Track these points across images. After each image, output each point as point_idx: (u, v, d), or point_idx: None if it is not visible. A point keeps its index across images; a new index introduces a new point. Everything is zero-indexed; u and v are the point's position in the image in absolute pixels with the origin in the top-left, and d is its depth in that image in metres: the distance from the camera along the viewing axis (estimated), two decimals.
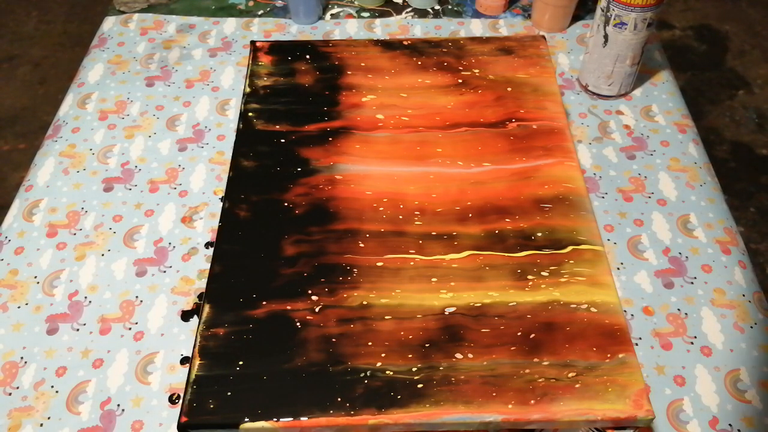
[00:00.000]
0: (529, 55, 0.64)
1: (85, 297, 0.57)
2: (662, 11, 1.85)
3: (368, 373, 0.43)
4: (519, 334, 0.45)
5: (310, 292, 0.47)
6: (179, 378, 0.52)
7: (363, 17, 0.85)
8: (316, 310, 0.46)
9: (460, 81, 0.62)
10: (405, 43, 0.65)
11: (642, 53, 0.69)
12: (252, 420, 0.41)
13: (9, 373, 0.52)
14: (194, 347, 0.44)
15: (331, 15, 0.85)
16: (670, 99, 0.74)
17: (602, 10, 0.67)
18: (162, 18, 0.85)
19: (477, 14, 0.85)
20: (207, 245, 0.61)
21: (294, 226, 0.51)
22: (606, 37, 0.68)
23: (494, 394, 0.42)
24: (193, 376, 0.43)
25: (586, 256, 0.49)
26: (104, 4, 1.94)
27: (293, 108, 0.60)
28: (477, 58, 0.64)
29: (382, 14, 0.86)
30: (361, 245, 0.50)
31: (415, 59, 0.64)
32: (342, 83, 0.62)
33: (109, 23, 0.85)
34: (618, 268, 0.59)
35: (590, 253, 0.49)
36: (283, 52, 0.65)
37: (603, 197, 0.64)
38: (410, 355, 0.44)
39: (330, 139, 0.57)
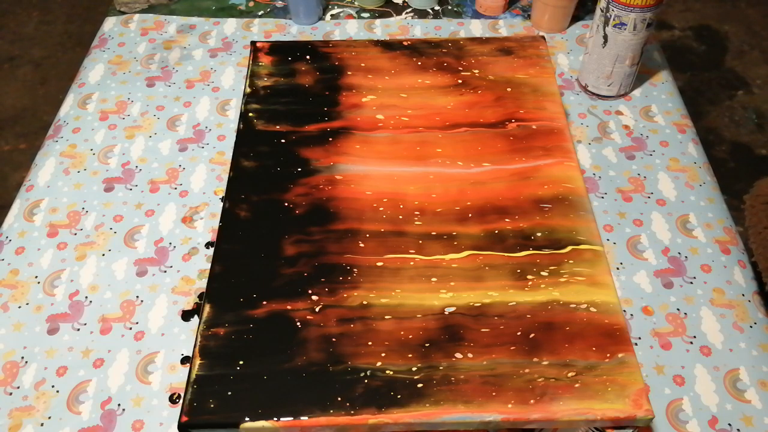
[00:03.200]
0: (529, 55, 0.64)
1: (86, 297, 0.57)
2: (661, 12, 1.85)
3: (368, 373, 0.43)
4: (518, 333, 0.45)
5: (310, 291, 0.47)
6: (180, 378, 0.52)
7: (363, 18, 0.85)
8: (317, 309, 0.46)
9: (459, 81, 0.62)
10: (405, 43, 0.66)
11: (641, 54, 0.69)
12: (252, 419, 0.41)
13: (9, 372, 0.52)
14: (195, 347, 0.45)
15: (331, 15, 0.86)
16: (670, 99, 0.74)
17: (602, 11, 0.67)
18: (162, 18, 0.85)
19: (477, 15, 0.85)
20: (207, 245, 0.61)
21: (294, 226, 0.51)
22: (605, 37, 0.68)
23: (494, 393, 0.42)
24: (193, 376, 0.43)
25: (586, 256, 0.49)
26: (105, 5, 1.95)
27: (293, 108, 0.60)
28: (477, 58, 0.64)
29: (382, 15, 0.86)
30: (361, 245, 0.50)
31: (415, 60, 0.64)
32: (342, 83, 0.62)
33: (110, 24, 0.85)
34: (617, 268, 0.59)
35: (590, 253, 0.49)
36: (284, 52, 0.65)
37: (602, 197, 0.64)
38: (410, 355, 0.44)
39: (330, 139, 0.57)
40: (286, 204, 0.53)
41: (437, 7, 0.87)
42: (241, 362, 0.44)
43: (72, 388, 0.52)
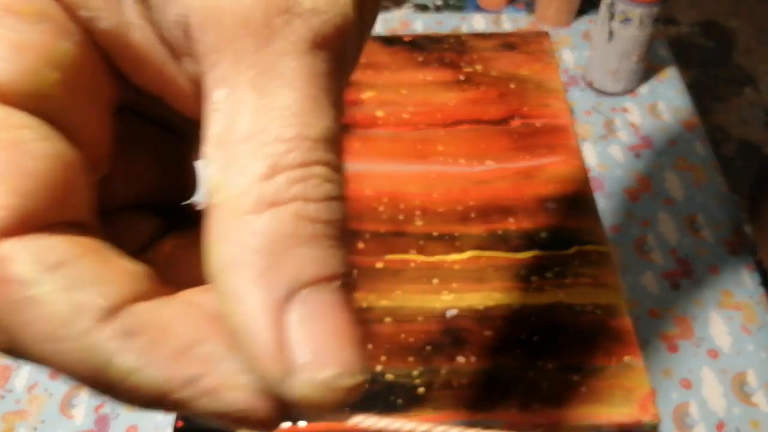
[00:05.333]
0: (533, 51, 0.63)
1: None
2: (668, 7, 1.84)
3: (368, 377, 0.42)
4: (522, 336, 0.44)
5: None
6: None
7: None
8: None
9: (462, 77, 0.61)
10: (405, 38, 0.65)
11: (648, 49, 0.68)
12: None
13: (2, 375, 0.52)
14: None
15: None
16: (677, 96, 0.73)
17: (607, 6, 0.66)
18: None
19: (479, 9, 0.84)
20: None
21: None
22: (611, 32, 0.67)
23: (497, 398, 0.41)
24: None
25: (592, 257, 0.48)
26: None
27: None
28: (479, 54, 0.63)
29: (382, 9, 0.85)
30: (361, 246, 0.49)
31: (415, 55, 0.63)
32: None
33: None
34: (624, 269, 0.58)
35: (595, 254, 0.48)
36: None
37: (608, 197, 0.63)
38: (411, 359, 0.43)
39: None
40: None
41: (438, 2, 0.86)
42: None
43: (65, 392, 0.51)
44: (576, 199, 0.51)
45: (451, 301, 0.46)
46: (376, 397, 0.41)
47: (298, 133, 0.11)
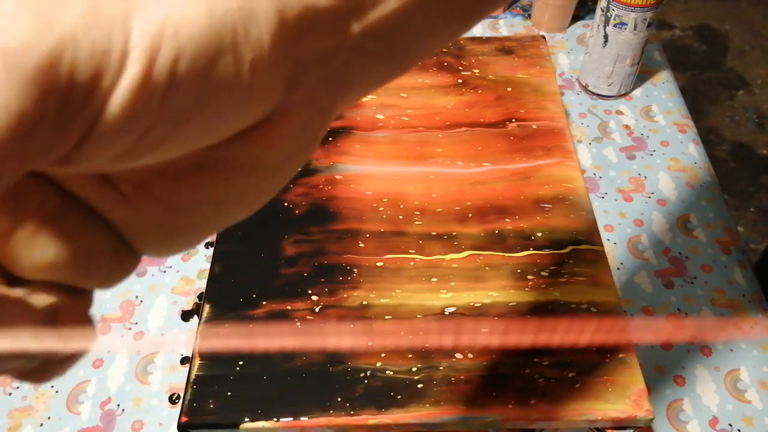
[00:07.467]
0: (529, 55, 0.64)
1: None
2: (662, 11, 1.85)
3: (368, 373, 0.43)
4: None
5: (310, 292, 0.47)
6: (179, 378, 0.52)
7: None
8: (316, 310, 0.46)
9: (460, 81, 0.62)
10: None
11: (642, 53, 0.69)
12: (252, 420, 0.41)
13: None
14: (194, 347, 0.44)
15: None
16: (670, 99, 0.74)
17: (602, 10, 0.67)
18: None
19: None
20: (207, 245, 0.61)
21: (294, 226, 0.51)
22: (606, 37, 0.68)
23: (494, 393, 0.42)
24: (193, 376, 0.43)
25: (586, 256, 0.49)
26: None
27: None
28: (477, 58, 0.64)
29: None
30: (361, 245, 0.50)
31: None
32: None
33: None
34: (618, 268, 0.59)
35: (590, 253, 0.49)
36: None
37: (603, 197, 0.64)
38: (410, 355, 0.44)
39: (330, 138, 0.57)
40: (286, 204, 0.52)
41: None
42: (241, 362, 0.44)
43: (71, 389, 0.51)
44: (571, 200, 0.52)
45: (449, 299, 0.47)
46: (377, 392, 0.42)
47: None
